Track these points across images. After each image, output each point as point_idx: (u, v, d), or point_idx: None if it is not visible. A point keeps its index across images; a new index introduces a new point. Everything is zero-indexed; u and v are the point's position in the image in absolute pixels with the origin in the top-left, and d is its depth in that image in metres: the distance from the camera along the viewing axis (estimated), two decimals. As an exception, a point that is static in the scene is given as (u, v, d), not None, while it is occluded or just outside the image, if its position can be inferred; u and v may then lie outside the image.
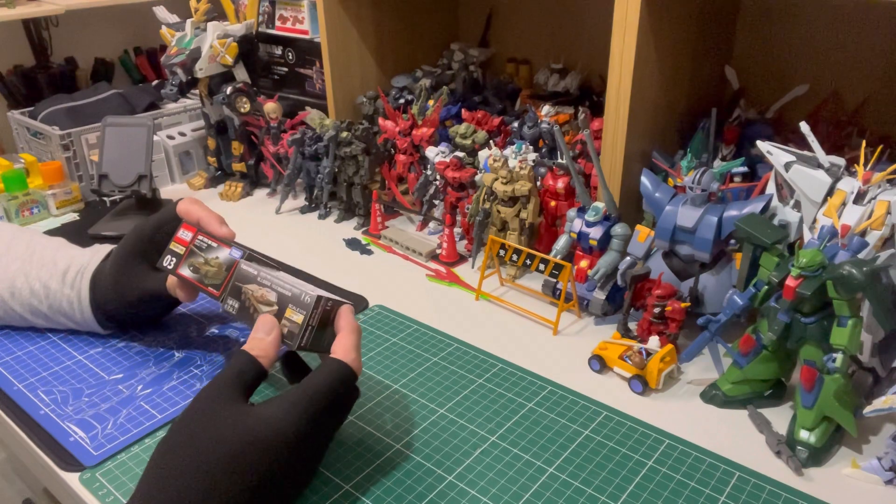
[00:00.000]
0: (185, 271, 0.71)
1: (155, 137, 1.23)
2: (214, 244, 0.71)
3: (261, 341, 0.62)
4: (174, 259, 0.72)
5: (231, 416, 0.56)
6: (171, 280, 0.76)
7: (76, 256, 0.83)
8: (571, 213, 0.90)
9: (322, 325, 0.64)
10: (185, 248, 0.72)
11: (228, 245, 0.71)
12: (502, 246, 0.93)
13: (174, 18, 1.33)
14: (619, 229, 0.87)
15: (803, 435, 0.66)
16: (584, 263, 0.90)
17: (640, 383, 0.75)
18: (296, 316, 0.63)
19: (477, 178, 1.02)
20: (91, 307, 0.81)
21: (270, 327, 0.63)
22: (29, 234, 0.89)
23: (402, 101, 1.26)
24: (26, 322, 0.85)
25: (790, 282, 0.64)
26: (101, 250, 0.84)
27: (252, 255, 0.70)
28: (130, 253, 0.79)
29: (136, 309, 0.81)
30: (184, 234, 0.73)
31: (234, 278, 0.68)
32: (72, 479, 0.65)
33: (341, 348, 0.62)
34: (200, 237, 0.72)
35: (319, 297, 0.63)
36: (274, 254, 1.06)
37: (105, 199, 1.18)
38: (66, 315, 0.82)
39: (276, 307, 0.64)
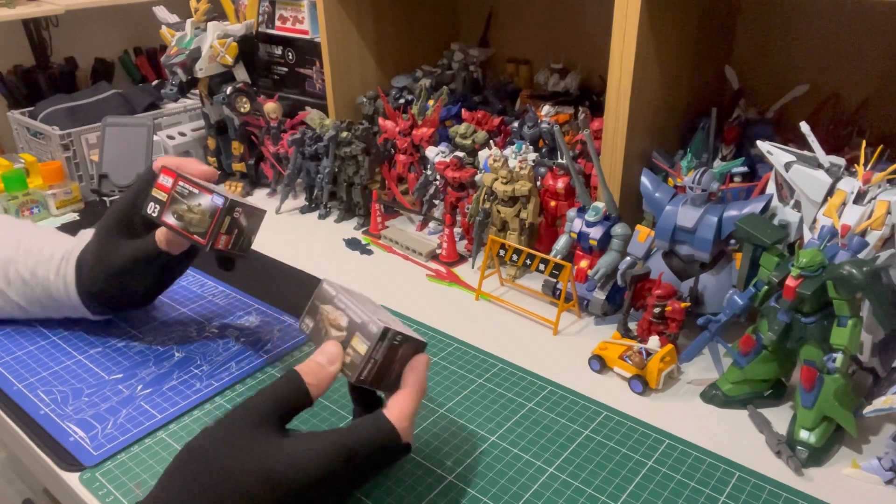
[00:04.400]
0: (170, 219, 0.70)
1: (155, 137, 1.23)
2: (196, 191, 0.69)
3: (319, 370, 0.57)
4: (157, 207, 0.70)
5: (260, 448, 0.52)
6: (160, 233, 0.73)
7: (62, 243, 0.82)
8: (571, 213, 0.90)
9: (388, 361, 0.58)
10: (167, 194, 0.70)
11: (209, 191, 0.69)
12: (502, 246, 0.93)
13: (174, 18, 1.33)
14: (619, 229, 0.87)
15: (803, 435, 0.66)
16: (584, 263, 0.90)
17: (640, 383, 0.75)
18: (360, 346, 0.57)
19: (477, 178, 1.02)
20: (77, 290, 0.78)
21: (333, 357, 0.58)
22: (18, 224, 0.88)
23: (402, 101, 1.26)
24: (25, 313, 0.84)
25: (790, 282, 0.64)
26: (86, 234, 0.81)
27: (234, 203, 0.69)
28: (112, 225, 0.76)
29: (121, 280, 0.76)
30: (164, 179, 0.71)
31: (313, 297, 0.63)
32: (72, 479, 0.65)
33: (397, 409, 0.57)
34: (181, 183, 0.70)
35: (387, 330, 0.57)
36: (274, 254, 1.06)
37: (105, 199, 1.18)
38: (58, 301, 0.81)
39: (344, 333, 0.59)
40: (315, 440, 0.54)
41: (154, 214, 0.70)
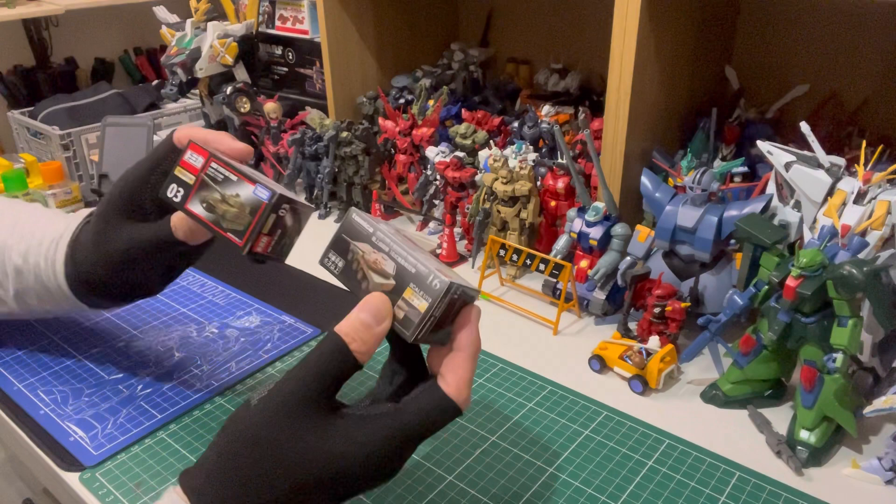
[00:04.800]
0: (197, 207, 0.56)
1: (155, 137, 1.23)
2: (234, 177, 0.56)
3: (366, 330, 0.49)
4: (181, 190, 0.57)
5: (316, 430, 0.48)
6: (178, 219, 0.60)
7: (56, 225, 0.70)
8: (571, 213, 0.90)
9: (444, 316, 0.51)
10: (196, 176, 0.57)
11: (251, 180, 0.55)
12: (502, 246, 0.93)
13: (174, 18, 1.33)
14: (619, 229, 0.87)
15: (803, 435, 0.66)
16: (584, 263, 0.90)
17: (640, 383, 0.75)
18: (417, 301, 0.50)
19: (477, 178, 1.02)
20: (66, 278, 0.67)
21: (382, 314, 0.49)
22: (17, 205, 0.78)
23: (402, 101, 1.26)
24: (26, 307, 0.73)
25: (790, 282, 0.64)
26: (79, 216, 0.70)
27: (282, 198, 0.56)
28: (118, 204, 0.63)
29: (123, 270, 0.64)
30: (192, 157, 0.57)
31: (340, 230, 0.53)
32: (72, 479, 0.65)
33: (455, 380, 0.50)
34: (214, 164, 0.56)
35: (451, 285, 0.49)
36: (274, 254, 1.06)
37: (105, 199, 1.18)
38: (51, 292, 0.70)
39: (392, 282, 0.51)
40: (375, 426, 0.49)
41: (176, 199, 0.57)
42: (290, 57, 1.38)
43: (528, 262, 0.90)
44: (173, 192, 0.57)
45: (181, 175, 0.57)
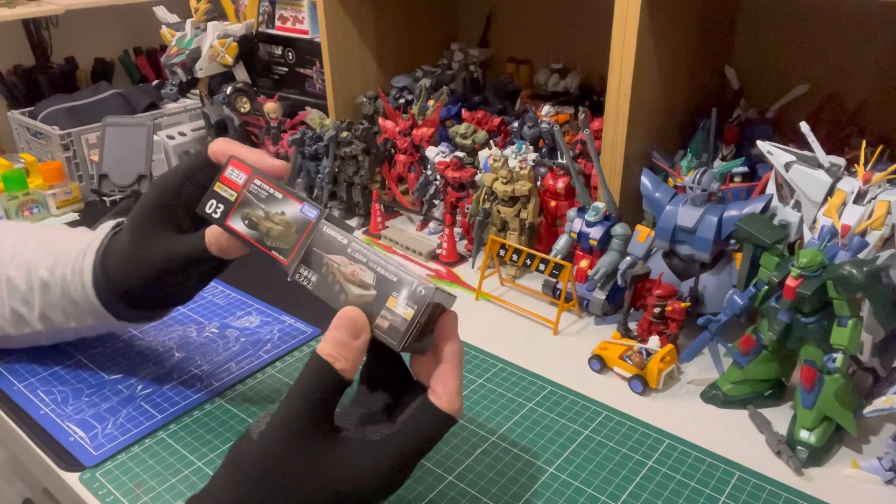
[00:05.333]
0: (238, 224, 0.55)
1: (155, 137, 1.23)
2: (279, 194, 0.55)
3: (344, 347, 0.49)
4: (221, 206, 0.56)
5: (319, 459, 0.48)
6: (213, 235, 0.59)
7: (82, 237, 0.70)
8: (571, 213, 0.90)
9: (427, 322, 0.51)
10: (237, 192, 0.55)
11: (298, 199, 0.54)
12: (502, 246, 0.93)
13: (174, 18, 1.33)
14: (619, 229, 0.87)
15: (803, 435, 0.66)
16: (584, 263, 0.90)
17: (640, 383, 0.75)
18: (402, 309, 0.49)
19: (477, 178, 1.02)
20: (95, 287, 0.66)
21: (359, 328, 0.50)
22: (41, 227, 0.79)
23: (402, 101, 1.26)
24: (51, 327, 0.72)
25: (790, 282, 0.64)
26: (104, 228, 0.69)
27: (331, 217, 0.55)
28: (152, 214, 0.62)
29: (158, 281, 0.63)
30: (234, 174, 0.56)
31: (311, 243, 0.53)
32: (72, 479, 0.65)
33: (446, 394, 0.51)
34: (258, 181, 0.55)
35: (436, 291, 0.50)
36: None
37: (105, 199, 1.18)
38: (78, 306, 0.69)
39: (373, 292, 0.50)
40: (375, 450, 0.50)
41: (216, 216, 0.56)
42: (290, 57, 1.38)
43: (528, 262, 0.90)
44: (212, 209, 0.56)
45: (221, 191, 0.56)
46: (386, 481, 0.50)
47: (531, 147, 1.03)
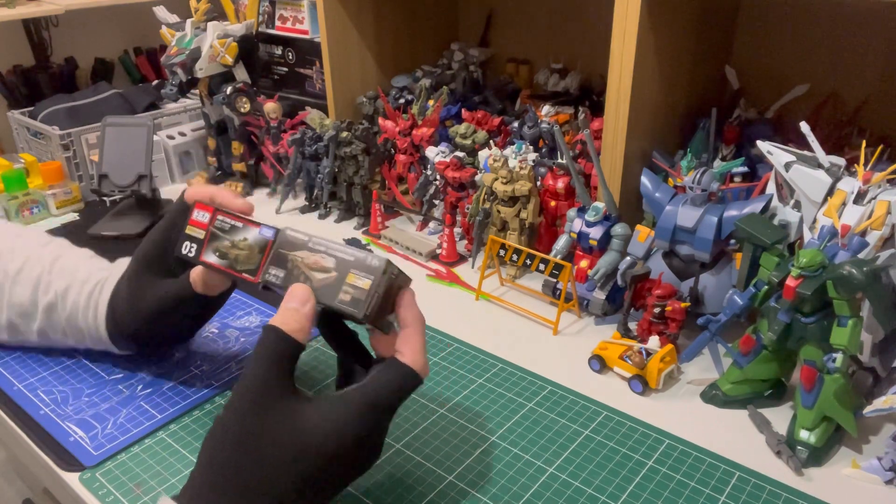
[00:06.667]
0: (211, 258, 0.62)
1: (155, 137, 1.23)
2: (239, 224, 0.62)
3: (294, 313, 0.55)
4: (194, 245, 0.63)
5: (284, 415, 0.52)
6: (195, 273, 0.67)
7: (100, 268, 0.77)
8: (571, 213, 0.90)
9: (386, 296, 0.57)
10: (205, 230, 0.63)
11: (256, 223, 0.61)
12: (502, 246, 0.93)
13: (174, 18, 1.33)
14: (619, 229, 0.87)
15: (803, 435, 0.66)
16: (584, 263, 0.90)
17: (640, 383, 0.75)
18: (360, 281, 0.56)
19: (477, 178, 1.02)
20: (107, 328, 0.74)
21: (306, 297, 0.56)
22: (54, 240, 0.83)
23: (402, 101, 1.26)
24: (45, 339, 0.79)
25: (790, 282, 0.64)
26: (122, 264, 0.77)
27: (285, 232, 0.62)
28: (146, 262, 0.72)
29: (155, 322, 0.72)
30: (199, 215, 0.63)
31: (275, 250, 0.60)
32: (72, 479, 0.65)
33: (410, 351, 0.57)
34: (220, 217, 0.63)
35: (388, 262, 0.56)
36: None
37: (105, 199, 1.18)
38: (81, 331, 0.76)
39: (334, 274, 0.57)
40: (342, 404, 0.54)
41: (191, 255, 0.63)
42: (290, 57, 1.38)
43: (528, 262, 0.90)
44: (187, 249, 0.64)
45: (192, 232, 0.64)
46: (351, 430, 0.53)
47: (531, 147, 1.03)
